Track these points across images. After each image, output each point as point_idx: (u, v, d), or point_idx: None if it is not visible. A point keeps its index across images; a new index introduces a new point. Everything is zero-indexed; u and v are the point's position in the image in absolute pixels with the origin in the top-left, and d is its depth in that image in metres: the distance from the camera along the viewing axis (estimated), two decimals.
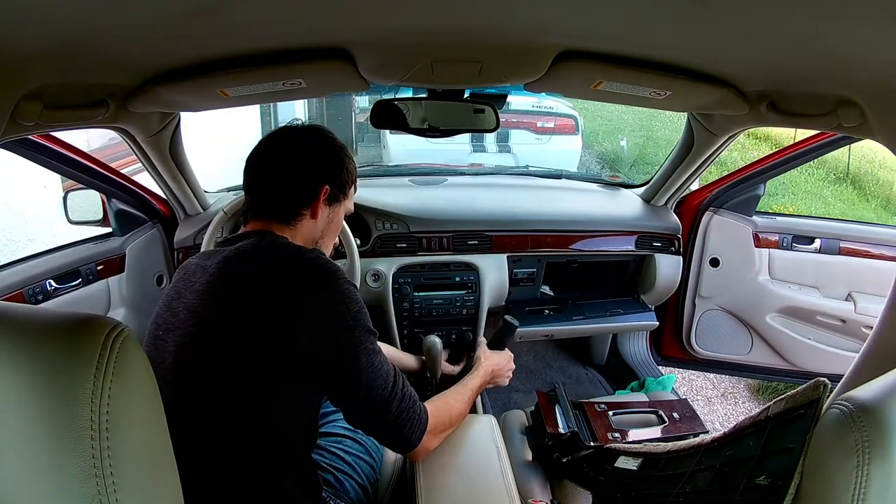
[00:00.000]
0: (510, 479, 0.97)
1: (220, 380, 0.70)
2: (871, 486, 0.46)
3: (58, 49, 0.61)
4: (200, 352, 0.72)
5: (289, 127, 0.93)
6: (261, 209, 0.86)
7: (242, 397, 0.70)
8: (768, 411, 0.68)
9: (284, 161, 0.86)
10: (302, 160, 0.87)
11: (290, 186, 0.86)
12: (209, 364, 0.71)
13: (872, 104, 0.76)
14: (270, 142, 0.89)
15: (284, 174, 0.86)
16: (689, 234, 1.79)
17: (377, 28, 0.71)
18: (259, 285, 0.72)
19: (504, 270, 1.67)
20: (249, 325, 0.71)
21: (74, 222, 1.48)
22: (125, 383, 0.39)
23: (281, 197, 0.86)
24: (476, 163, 3.72)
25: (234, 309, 0.72)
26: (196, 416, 0.70)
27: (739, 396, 2.33)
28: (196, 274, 0.80)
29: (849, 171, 6.41)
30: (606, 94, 0.95)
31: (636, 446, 1.02)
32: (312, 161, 0.88)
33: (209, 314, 0.74)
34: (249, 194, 0.88)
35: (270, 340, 0.70)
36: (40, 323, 0.39)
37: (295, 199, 0.86)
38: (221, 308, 0.73)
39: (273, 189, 0.86)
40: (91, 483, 0.37)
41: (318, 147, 0.89)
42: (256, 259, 0.76)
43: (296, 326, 0.70)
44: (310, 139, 0.89)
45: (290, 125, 0.95)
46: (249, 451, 0.71)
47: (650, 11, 0.58)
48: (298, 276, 0.73)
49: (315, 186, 0.87)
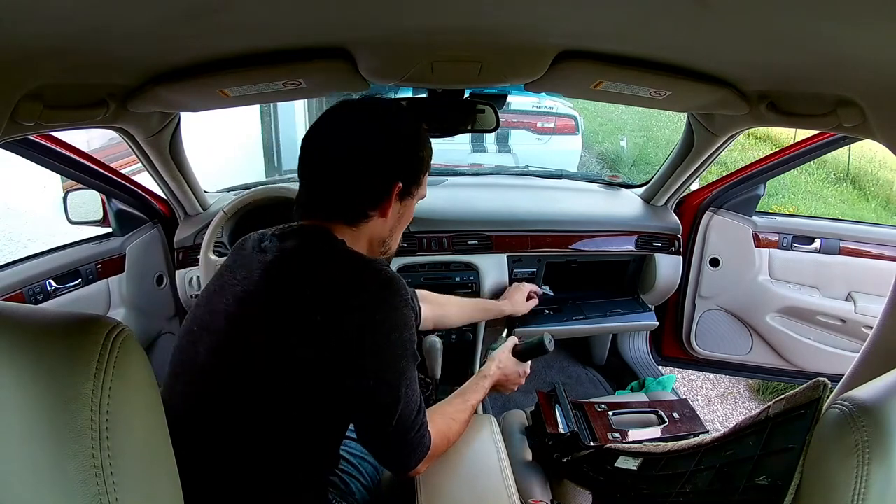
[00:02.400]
0: (510, 479, 0.97)
1: (249, 391, 0.66)
2: (871, 486, 0.46)
3: (58, 49, 0.61)
4: (233, 361, 0.67)
5: (348, 105, 0.77)
6: (318, 207, 0.75)
7: (268, 411, 0.66)
8: (768, 411, 0.68)
9: (351, 155, 0.73)
10: (372, 154, 0.73)
11: (357, 187, 0.73)
12: (241, 374, 0.67)
13: (872, 104, 0.76)
14: (328, 125, 0.75)
15: (350, 172, 0.73)
16: (689, 234, 1.79)
17: (377, 28, 0.71)
18: (306, 303, 0.66)
19: (504, 270, 1.67)
20: (288, 344, 0.65)
21: (74, 222, 1.48)
22: (125, 383, 0.39)
23: (345, 198, 0.74)
24: (476, 163, 3.72)
25: (273, 324, 0.66)
26: (216, 420, 0.67)
27: (739, 396, 2.33)
28: (243, 269, 0.72)
29: (849, 171, 6.41)
30: (606, 94, 0.95)
31: (636, 446, 1.02)
32: (385, 154, 0.74)
33: (246, 325, 0.68)
34: (304, 185, 0.75)
35: (310, 365, 0.65)
36: (40, 323, 0.39)
37: (362, 200, 0.74)
38: (259, 321, 0.67)
39: (335, 188, 0.73)
40: (91, 483, 0.37)
41: (392, 134, 0.75)
42: (307, 270, 0.69)
43: (341, 352, 0.65)
44: (382, 122, 0.75)
45: (348, 101, 0.78)
46: (265, 465, 0.68)
47: (650, 11, 0.58)
48: (354, 295, 0.66)
49: (387, 185, 0.74)
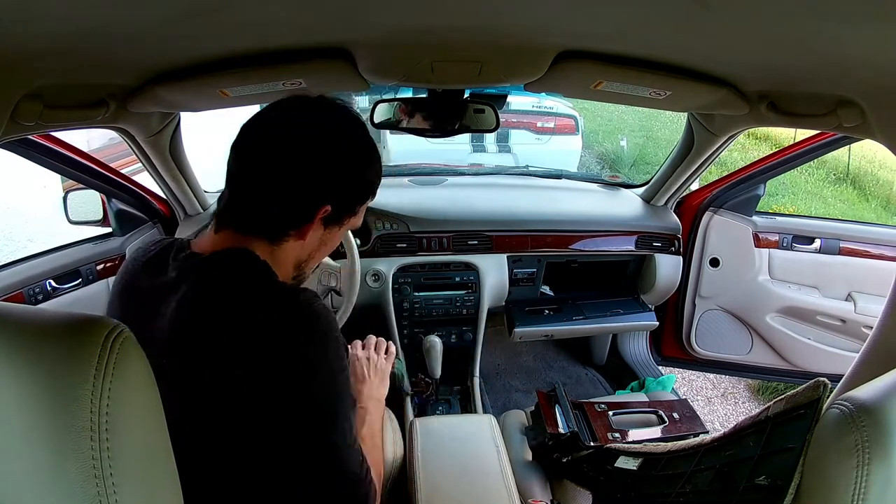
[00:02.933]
0: (510, 479, 0.97)
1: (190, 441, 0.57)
2: (871, 486, 0.46)
3: (58, 49, 0.61)
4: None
5: (294, 104, 0.68)
6: (238, 219, 0.67)
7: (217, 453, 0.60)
8: (768, 411, 0.68)
9: (277, 166, 0.64)
10: (301, 169, 0.65)
11: (279, 204, 0.66)
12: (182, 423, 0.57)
13: (872, 104, 0.76)
14: (265, 126, 0.67)
15: (274, 186, 0.65)
16: (689, 234, 1.79)
17: (377, 28, 0.71)
18: (231, 337, 0.59)
19: (504, 270, 1.67)
20: (214, 386, 0.58)
21: (74, 222, 1.48)
22: (125, 384, 0.39)
23: (266, 211, 0.66)
24: (476, 163, 3.71)
25: (200, 364, 0.59)
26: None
27: (739, 396, 2.33)
28: (149, 317, 0.63)
29: (849, 171, 6.41)
30: (606, 94, 0.95)
31: (636, 446, 1.02)
32: (316, 171, 0.65)
33: (172, 366, 0.58)
34: (229, 194, 0.67)
35: (237, 404, 0.58)
36: (40, 323, 0.39)
37: (282, 220, 0.67)
38: (185, 361, 0.60)
39: (257, 200, 0.66)
40: (91, 484, 0.37)
41: (332, 149, 0.66)
42: (230, 304, 0.61)
43: (268, 388, 0.58)
44: (319, 133, 0.66)
45: (297, 98, 0.69)
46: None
47: (650, 11, 0.58)
48: (279, 330, 0.59)
49: (312, 206, 0.67)
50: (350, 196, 0.70)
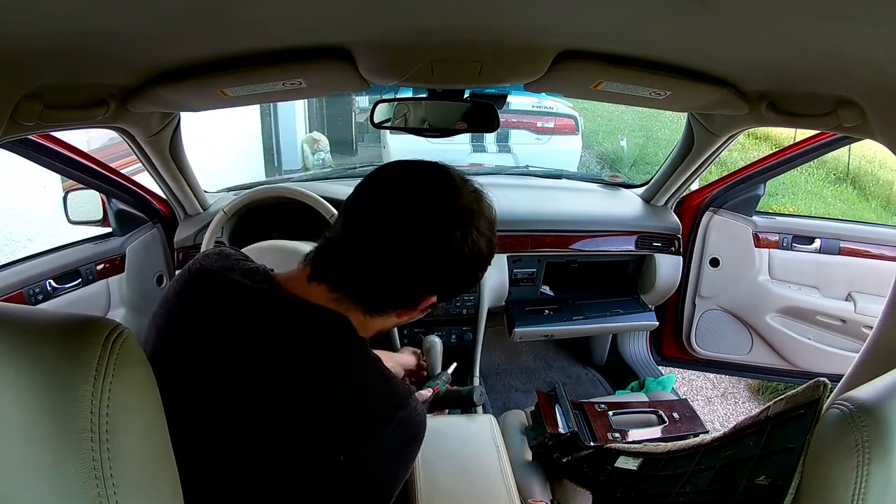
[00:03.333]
0: (510, 479, 0.97)
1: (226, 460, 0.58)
2: (871, 486, 0.46)
3: (58, 49, 0.61)
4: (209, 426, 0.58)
5: (426, 185, 0.62)
6: (342, 281, 0.63)
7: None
8: (768, 411, 0.68)
9: (398, 252, 0.60)
10: (423, 262, 0.60)
11: (391, 287, 0.63)
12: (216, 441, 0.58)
13: (872, 104, 0.76)
14: (390, 201, 0.61)
15: (390, 269, 0.61)
16: (689, 234, 1.79)
17: (377, 28, 0.71)
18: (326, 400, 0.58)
19: (504, 270, 1.67)
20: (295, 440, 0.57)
21: (74, 222, 1.48)
22: (125, 385, 0.39)
23: (374, 289, 0.63)
24: (476, 163, 3.72)
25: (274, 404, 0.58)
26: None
27: (739, 396, 2.33)
28: (238, 332, 0.61)
29: (849, 171, 6.41)
30: (606, 94, 0.95)
31: (636, 446, 1.02)
32: (436, 268, 0.61)
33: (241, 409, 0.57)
34: (338, 253, 0.63)
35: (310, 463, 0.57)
36: (40, 324, 0.39)
37: (389, 301, 0.65)
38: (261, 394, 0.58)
39: (368, 275, 0.62)
40: (91, 485, 0.37)
41: (456, 250, 0.60)
42: (336, 374, 0.60)
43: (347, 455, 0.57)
44: (463, 229, 0.60)
45: (444, 173, 0.64)
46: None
47: (650, 11, 0.58)
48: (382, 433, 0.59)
49: (421, 297, 0.65)
50: (458, 292, 0.68)
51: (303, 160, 5.51)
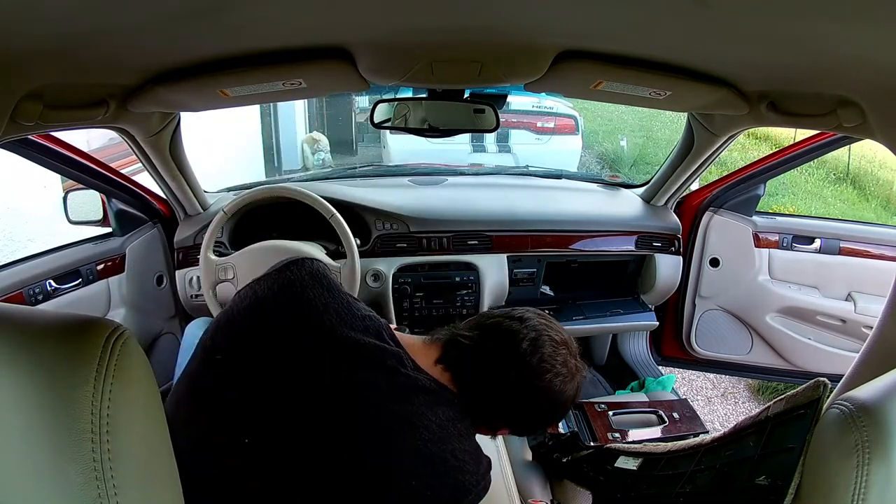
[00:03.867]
0: (510, 479, 0.97)
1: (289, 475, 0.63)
2: (871, 486, 0.46)
3: (58, 49, 0.61)
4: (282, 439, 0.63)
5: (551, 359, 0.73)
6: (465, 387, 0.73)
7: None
8: (768, 411, 0.68)
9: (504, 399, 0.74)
10: (520, 410, 0.76)
11: (486, 415, 0.76)
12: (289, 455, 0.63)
13: (872, 104, 0.76)
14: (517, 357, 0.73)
15: (499, 406, 0.75)
16: (689, 234, 1.79)
17: (377, 28, 0.71)
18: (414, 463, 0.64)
19: (504, 270, 1.67)
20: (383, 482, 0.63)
21: (74, 222, 1.48)
22: (125, 386, 0.39)
23: (482, 410, 0.75)
24: (476, 163, 3.72)
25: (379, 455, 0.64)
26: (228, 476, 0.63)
27: (739, 396, 2.33)
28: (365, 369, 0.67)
29: (849, 171, 6.41)
30: (606, 94, 0.95)
31: (636, 446, 1.02)
32: (527, 417, 0.78)
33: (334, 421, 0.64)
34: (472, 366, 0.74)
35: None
36: (41, 325, 0.39)
37: (479, 415, 0.75)
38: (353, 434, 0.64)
39: (484, 401, 0.74)
40: (92, 486, 0.37)
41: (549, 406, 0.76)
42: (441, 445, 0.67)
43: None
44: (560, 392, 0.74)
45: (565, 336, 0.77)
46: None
47: (650, 11, 0.58)
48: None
49: (500, 427, 0.80)
50: (527, 433, 0.85)
51: (303, 160, 5.51)
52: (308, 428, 0.63)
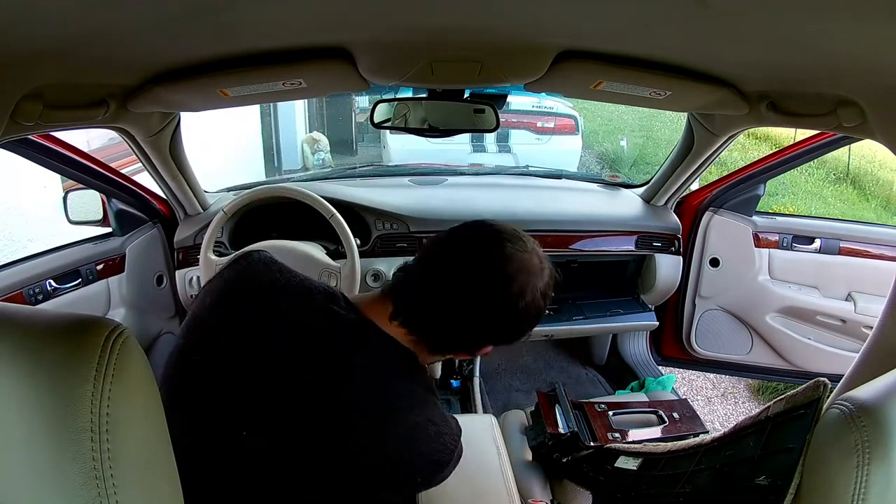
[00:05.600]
0: (510, 479, 0.97)
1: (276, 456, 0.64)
2: (871, 486, 0.46)
3: (58, 49, 0.61)
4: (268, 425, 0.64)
5: (496, 247, 0.69)
6: (416, 324, 0.71)
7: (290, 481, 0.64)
8: (768, 411, 0.68)
9: (468, 307, 0.68)
10: (482, 313, 0.68)
11: (459, 337, 0.72)
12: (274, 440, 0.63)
13: (872, 104, 0.76)
14: (466, 260, 0.69)
15: (457, 322, 0.69)
16: (689, 234, 1.79)
17: (377, 28, 0.71)
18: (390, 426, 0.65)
19: None
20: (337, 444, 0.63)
21: (74, 222, 1.48)
22: (125, 385, 0.39)
23: (445, 337, 0.72)
24: (476, 163, 3.72)
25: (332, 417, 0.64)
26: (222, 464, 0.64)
27: (739, 396, 2.33)
28: (314, 344, 0.66)
29: (849, 171, 6.41)
30: (606, 94, 0.95)
31: (636, 446, 1.02)
32: (494, 319, 0.70)
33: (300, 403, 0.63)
34: (418, 301, 0.71)
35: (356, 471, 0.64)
36: (40, 324, 0.39)
37: (453, 346, 0.74)
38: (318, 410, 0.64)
39: (441, 326, 0.71)
40: (91, 485, 0.37)
41: (522, 307, 0.68)
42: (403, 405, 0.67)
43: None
44: (522, 287, 0.68)
45: (503, 234, 0.70)
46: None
47: (650, 11, 0.58)
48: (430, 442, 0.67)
49: (477, 344, 0.75)
50: (515, 338, 0.75)
51: (303, 160, 5.51)
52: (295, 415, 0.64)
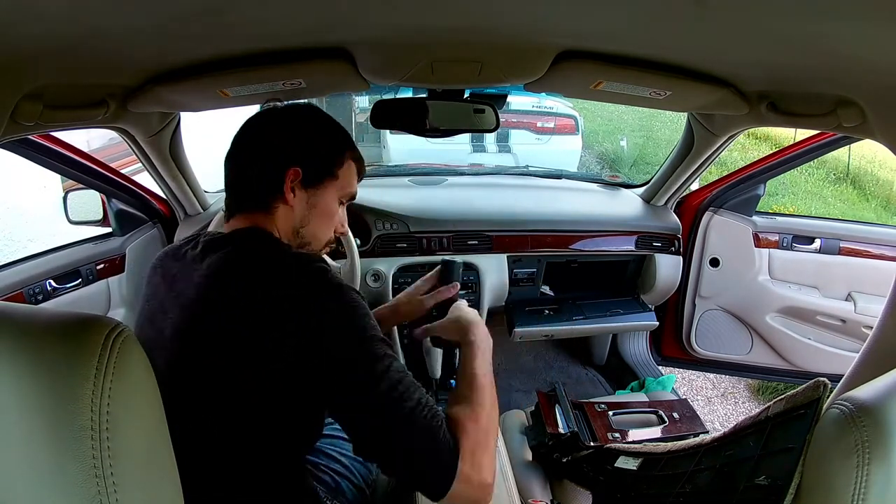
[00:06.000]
0: (510, 479, 0.97)
1: (215, 398, 0.67)
2: (871, 486, 0.46)
3: (58, 49, 0.61)
4: (191, 375, 0.67)
5: (262, 112, 0.84)
6: (235, 202, 0.80)
7: (239, 412, 0.66)
8: (768, 411, 0.68)
9: (248, 147, 0.80)
10: (263, 144, 0.79)
11: (253, 174, 0.79)
12: (202, 386, 0.67)
13: (872, 104, 0.76)
14: (240, 131, 0.82)
15: (246, 161, 0.79)
16: (689, 234, 1.79)
17: (377, 28, 0.72)
18: (254, 304, 0.66)
19: (504, 270, 1.67)
20: (245, 349, 0.65)
21: (74, 222, 1.48)
22: (125, 383, 0.39)
23: (246, 187, 0.79)
24: (476, 163, 3.71)
25: (226, 331, 0.66)
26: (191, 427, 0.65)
27: (739, 396, 2.33)
28: (179, 282, 0.73)
29: (849, 171, 6.41)
30: (606, 94, 0.95)
31: (636, 446, 1.02)
32: (274, 144, 0.79)
33: (198, 336, 0.68)
34: (226, 188, 0.82)
35: (270, 363, 0.64)
36: (41, 323, 0.39)
37: (260, 188, 0.79)
38: (212, 329, 0.67)
39: (242, 179, 0.80)
40: (91, 483, 0.37)
41: (284, 127, 0.80)
42: (247, 272, 0.69)
43: (297, 346, 0.64)
44: (277, 121, 0.81)
45: (266, 109, 0.85)
46: (247, 457, 0.69)
47: (650, 11, 0.58)
48: (297, 292, 0.66)
49: (279, 171, 0.78)
50: (312, 157, 0.80)
51: None
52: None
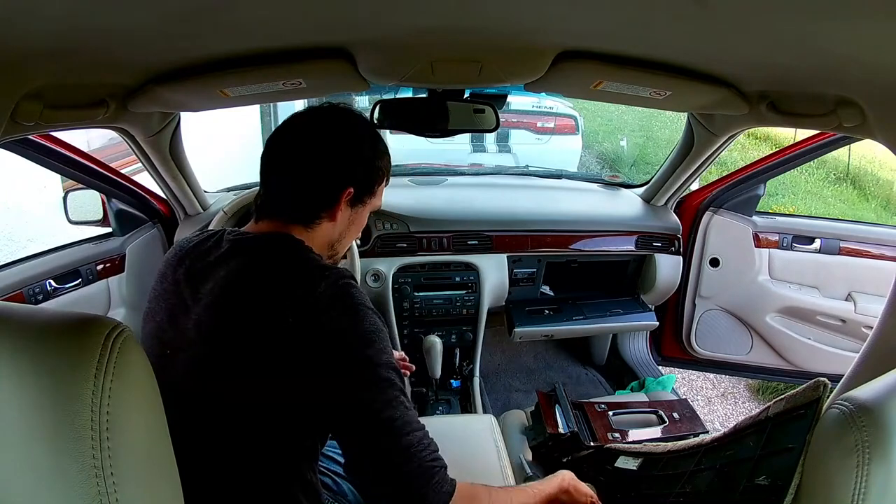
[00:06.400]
0: (510, 479, 0.97)
1: (231, 400, 0.67)
2: (871, 486, 0.46)
3: (58, 49, 0.61)
4: (211, 376, 0.68)
5: (312, 112, 0.81)
6: (276, 209, 0.78)
7: (251, 415, 0.67)
8: (768, 411, 0.68)
9: (303, 159, 0.76)
10: (323, 159, 0.77)
11: (309, 190, 0.77)
12: (220, 387, 0.67)
13: (872, 104, 0.76)
14: (290, 131, 0.79)
15: (303, 175, 0.77)
16: (689, 234, 1.79)
17: (377, 28, 0.71)
18: (278, 312, 0.66)
19: (504, 270, 1.67)
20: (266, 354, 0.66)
21: (74, 222, 1.48)
22: (125, 383, 0.39)
23: (298, 200, 0.77)
24: (476, 163, 3.71)
25: (250, 335, 0.67)
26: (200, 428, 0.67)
27: (739, 396, 2.33)
28: (204, 281, 0.72)
29: (849, 171, 6.41)
30: (606, 94, 0.95)
31: (636, 446, 1.02)
32: (335, 160, 0.77)
33: (223, 338, 0.68)
34: (264, 188, 0.79)
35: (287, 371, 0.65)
36: (41, 323, 0.39)
37: (314, 204, 0.78)
38: (237, 332, 0.67)
39: (290, 191, 0.77)
40: (91, 483, 0.37)
41: (344, 141, 0.78)
42: (276, 280, 0.69)
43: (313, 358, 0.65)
44: (334, 131, 0.79)
45: (313, 108, 0.82)
46: (256, 465, 0.69)
47: (650, 11, 0.58)
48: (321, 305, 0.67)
49: (337, 190, 0.78)
50: (368, 177, 0.81)
51: None
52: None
